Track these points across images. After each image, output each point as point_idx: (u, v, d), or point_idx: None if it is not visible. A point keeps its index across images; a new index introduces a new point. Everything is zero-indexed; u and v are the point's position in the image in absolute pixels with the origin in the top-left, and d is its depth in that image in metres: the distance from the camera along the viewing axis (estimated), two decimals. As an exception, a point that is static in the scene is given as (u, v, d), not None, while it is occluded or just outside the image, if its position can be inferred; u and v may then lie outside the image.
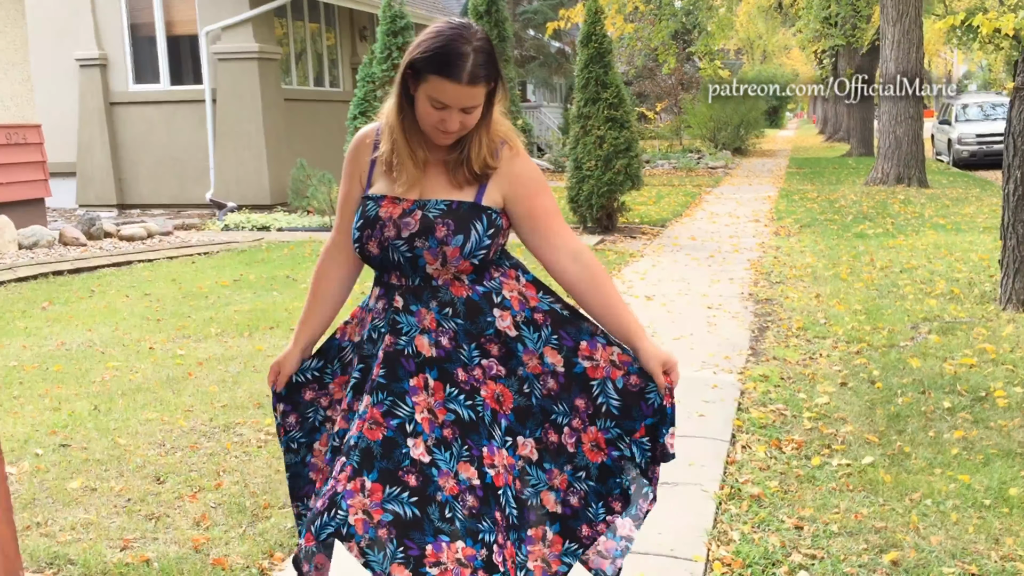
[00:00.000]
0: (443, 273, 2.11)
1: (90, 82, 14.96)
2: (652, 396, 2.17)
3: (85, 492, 3.80)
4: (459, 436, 2.08)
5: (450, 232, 2.07)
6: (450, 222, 2.07)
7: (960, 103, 24.71)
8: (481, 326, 2.13)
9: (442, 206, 2.09)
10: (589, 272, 2.18)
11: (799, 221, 12.44)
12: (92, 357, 5.97)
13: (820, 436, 4.42)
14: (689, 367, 5.61)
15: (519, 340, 2.15)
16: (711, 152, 26.28)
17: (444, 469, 2.05)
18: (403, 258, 2.10)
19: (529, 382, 2.16)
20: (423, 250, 2.07)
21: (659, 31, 22.90)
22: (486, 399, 2.11)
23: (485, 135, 2.13)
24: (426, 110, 2.05)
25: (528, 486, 2.15)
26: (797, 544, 3.30)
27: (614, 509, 2.18)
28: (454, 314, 2.12)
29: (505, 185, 2.15)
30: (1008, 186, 6.95)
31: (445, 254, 2.07)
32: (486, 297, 2.14)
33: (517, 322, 2.16)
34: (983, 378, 5.18)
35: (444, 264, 2.08)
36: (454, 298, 2.12)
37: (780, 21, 37.87)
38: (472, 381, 2.11)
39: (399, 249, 2.10)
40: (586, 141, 11.20)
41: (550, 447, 2.17)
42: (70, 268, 9.39)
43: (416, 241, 2.08)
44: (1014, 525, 3.43)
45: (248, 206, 14.36)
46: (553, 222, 2.19)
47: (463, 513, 2.03)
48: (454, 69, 1.98)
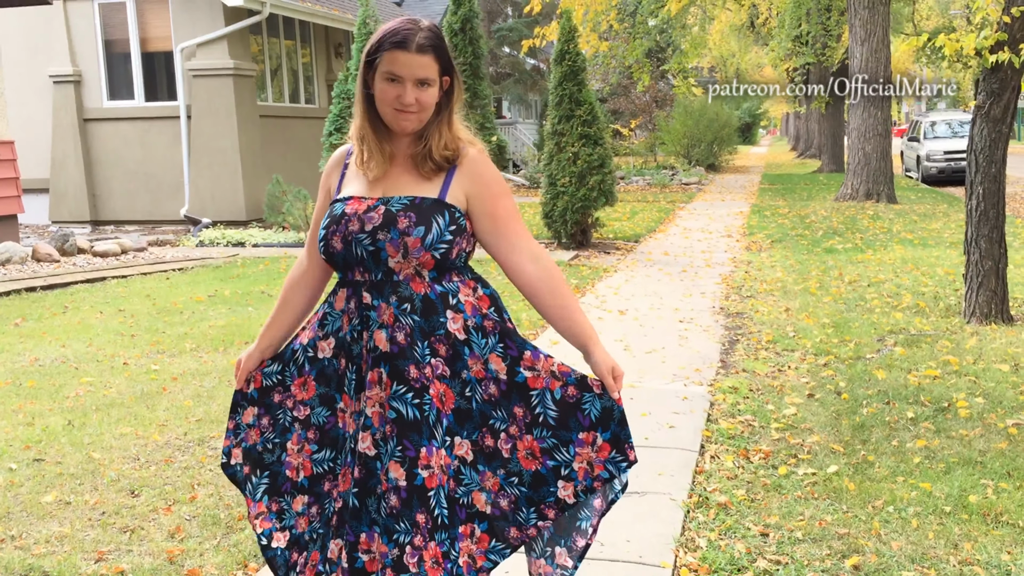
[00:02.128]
0: (405, 267, 2.17)
1: (64, 98, 14.93)
2: (588, 407, 2.23)
3: (59, 506, 3.82)
4: (395, 435, 2.16)
5: (412, 224, 2.15)
6: (412, 215, 2.16)
7: (928, 120, 25.12)
8: (434, 325, 2.19)
9: (405, 200, 2.19)
10: (548, 273, 2.27)
11: (770, 236, 12.61)
12: (66, 373, 5.97)
13: (787, 446, 4.51)
14: (660, 379, 5.70)
15: (467, 344, 2.21)
16: (685, 168, 26.53)
17: (383, 465, 2.15)
18: (366, 252, 2.17)
19: (471, 385, 2.22)
20: (385, 242, 2.14)
21: (633, 49, 23.13)
22: (433, 398, 2.18)
23: (446, 129, 2.23)
24: (383, 90, 2.16)
25: (461, 485, 2.22)
26: (763, 550, 3.38)
27: (547, 516, 2.23)
28: (412, 310, 2.18)
29: (468, 184, 2.23)
30: (971, 202, 7.12)
31: (407, 245, 2.14)
32: (442, 297, 2.20)
33: (467, 326, 2.22)
34: (946, 389, 5.30)
35: (406, 256, 2.15)
36: (413, 294, 2.18)
37: (752, 40, 38.25)
38: (422, 379, 2.17)
39: (362, 243, 2.17)
40: (560, 158, 11.32)
41: (485, 450, 2.23)
42: (43, 284, 9.36)
43: (379, 234, 2.15)
44: (973, 531, 3.52)
45: (223, 222, 14.36)
46: (514, 224, 2.28)
47: (385, 511, 2.14)
48: (403, 40, 2.14)
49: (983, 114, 6.98)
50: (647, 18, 24.44)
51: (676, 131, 28.70)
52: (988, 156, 6.99)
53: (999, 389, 5.27)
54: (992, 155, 6.97)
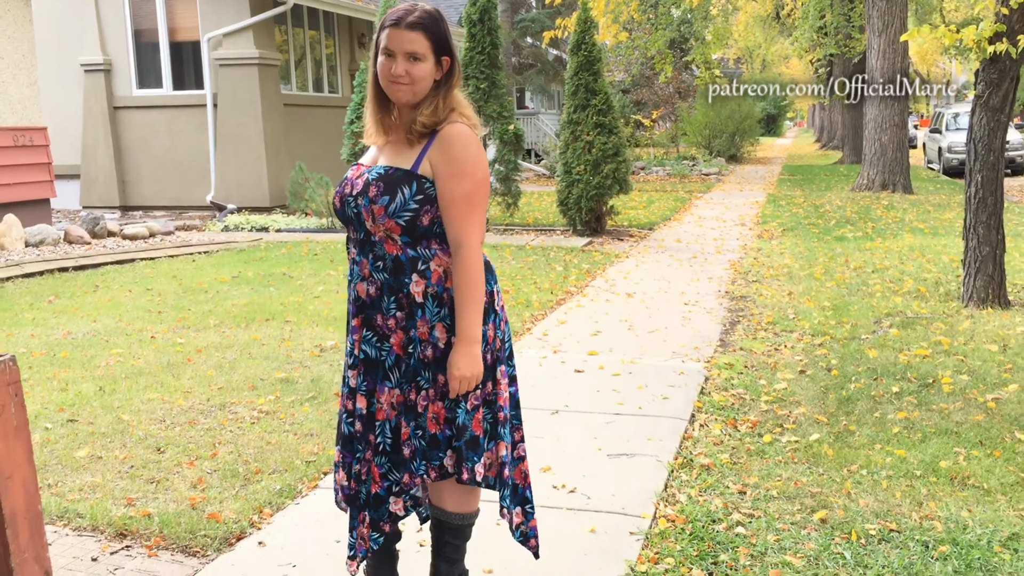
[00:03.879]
0: (377, 230, 2.46)
1: (95, 86, 15.33)
2: (459, 411, 2.49)
3: (92, 460, 4.14)
4: (362, 371, 2.53)
5: (379, 193, 2.42)
6: (381, 184, 2.43)
7: (951, 112, 25.07)
8: (399, 284, 2.48)
9: (380, 171, 2.46)
10: (459, 267, 2.42)
11: (783, 225, 12.79)
12: (97, 345, 6.31)
13: (774, 417, 4.75)
14: (660, 356, 5.95)
15: (421, 307, 2.47)
16: (705, 159, 26.67)
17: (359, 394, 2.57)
18: (352, 213, 2.49)
19: (414, 344, 2.48)
20: (360, 208, 2.46)
21: (655, 40, 23.26)
22: (393, 345, 2.51)
23: (440, 103, 2.48)
24: (381, 65, 2.45)
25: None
26: (738, 506, 3.64)
27: (430, 474, 2.51)
28: (383, 268, 2.48)
29: (435, 155, 2.44)
30: (970, 189, 7.30)
31: (374, 212, 2.43)
32: (412, 261, 2.46)
33: (426, 292, 2.46)
34: (933, 367, 5.52)
35: (374, 221, 2.44)
36: (385, 254, 2.47)
37: (778, 31, 38.19)
38: (385, 328, 2.51)
39: (350, 205, 2.50)
40: (576, 146, 11.56)
41: (408, 402, 2.52)
42: (75, 265, 9.73)
43: (358, 199, 2.47)
44: (939, 492, 3.76)
45: (247, 208, 14.72)
46: (454, 208, 2.42)
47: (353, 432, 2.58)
48: (397, 19, 2.42)
49: (982, 103, 7.16)
50: (669, 8, 24.56)
51: (698, 122, 28.83)
52: (987, 145, 7.16)
53: (985, 367, 5.48)
54: (991, 144, 7.15)
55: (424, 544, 3.23)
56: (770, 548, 3.26)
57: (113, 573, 3.08)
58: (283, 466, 4.04)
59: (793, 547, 3.27)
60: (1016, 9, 6.72)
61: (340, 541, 3.30)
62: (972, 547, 3.24)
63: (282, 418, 4.70)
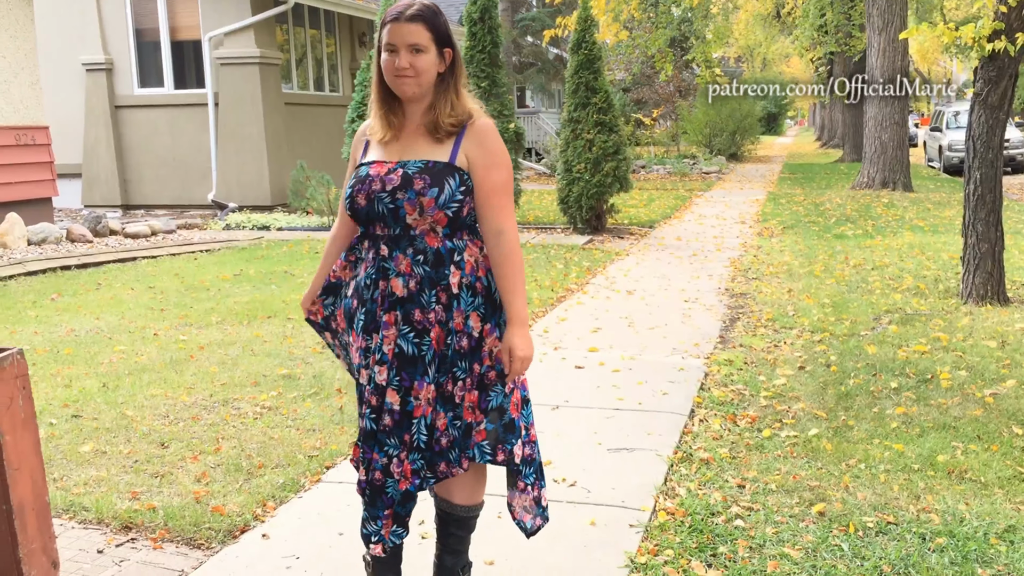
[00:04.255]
0: (421, 223, 2.47)
1: (96, 86, 15.36)
2: (494, 395, 2.53)
3: (96, 455, 4.18)
4: (396, 367, 2.49)
5: (427, 185, 2.43)
6: (427, 177, 2.44)
7: (952, 111, 25.08)
8: (440, 276, 2.49)
9: (420, 164, 2.47)
10: (504, 252, 2.49)
11: (783, 223, 12.82)
12: (100, 342, 6.35)
13: (773, 412, 4.78)
14: (660, 353, 5.98)
15: (457, 298, 2.50)
16: (706, 158, 26.69)
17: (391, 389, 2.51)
18: (386, 209, 2.46)
19: (452, 335, 2.50)
20: (403, 201, 2.44)
21: (655, 39, 23.28)
22: (432, 340, 2.49)
23: (453, 97, 2.52)
24: (385, 62, 2.47)
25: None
26: (737, 499, 3.67)
27: (462, 466, 2.54)
28: (424, 261, 2.48)
29: (471, 148, 2.50)
30: (968, 187, 7.33)
31: (422, 204, 2.43)
32: (450, 252, 2.49)
33: (461, 283, 2.50)
34: (932, 363, 5.55)
35: (422, 214, 2.45)
36: (427, 247, 2.48)
37: (779, 29, 38.20)
38: (425, 322, 2.49)
39: (383, 201, 2.46)
40: (576, 145, 11.59)
41: (445, 393, 2.53)
42: (77, 263, 9.77)
43: (398, 193, 2.45)
44: (936, 485, 3.80)
45: (249, 207, 14.75)
46: (496, 198, 2.51)
47: (380, 428, 2.52)
48: (396, 14, 2.45)
49: (981, 101, 7.19)
50: (670, 7, 24.59)
51: (698, 121, 28.85)
52: (985, 142, 7.20)
53: (983, 363, 5.52)
54: (989, 141, 7.18)
55: (427, 536, 3.26)
56: (768, 540, 3.29)
57: (119, 565, 3.12)
58: (286, 460, 4.07)
59: (791, 539, 3.30)
60: (1014, 7, 6.74)
61: (343, 534, 3.34)
62: (968, 539, 3.27)
63: (284, 413, 4.74)
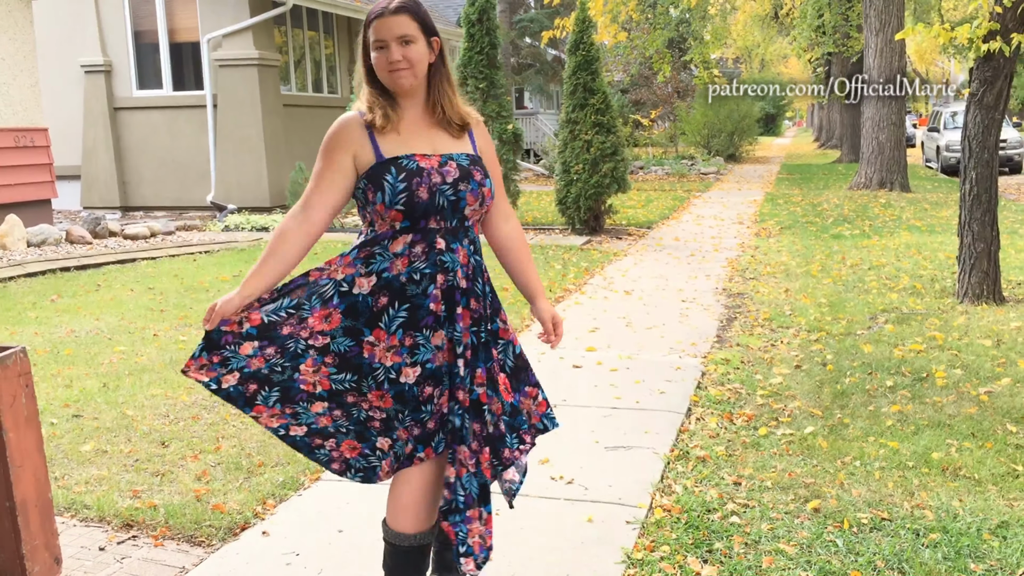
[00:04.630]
0: (476, 213, 2.50)
1: (95, 87, 15.40)
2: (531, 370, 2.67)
3: (97, 454, 4.21)
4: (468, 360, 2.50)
5: (484, 176, 2.51)
6: (479, 168, 2.51)
7: (949, 111, 25.13)
8: (481, 264, 2.56)
9: (465, 156, 2.51)
10: (516, 232, 2.68)
11: (781, 223, 12.86)
12: (100, 343, 6.38)
13: (770, 410, 4.82)
14: (657, 352, 6.02)
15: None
16: (704, 158, 26.74)
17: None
18: (447, 201, 2.42)
19: (484, 320, 2.55)
20: (466, 192, 2.45)
21: (653, 40, 23.33)
22: (487, 328, 2.55)
23: (448, 87, 2.53)
24: (376, 60, 2.44)
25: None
26: (733, 496, 3.70)
27: (525, 440, 2.61)
28: (475, 251, 2.52)
29: (482, 143, 2.60)
30: (964, 186, 7.37)
31: (483, 194, 2.49)
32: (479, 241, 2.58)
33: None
34: (928, 361, 5.59)
35: (482, 204, 2.49)
36: (475, 237, 2.54)
37: (776, 30, 38.26)
38: (481, 310, 2.52)
39: (445, 193, 2.42)
40: (574, 145, 11.63)
41: (493, 380, 2.55)
42: (77, 264, 9.80)
43: (460, 185, 2.44)
44: (930, 482, 3.83)
45: (248, 208, 14.79)
46: (501, 186, 2.65)
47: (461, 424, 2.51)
48: (380, 11, 2.43)
49: (976, 101, 7.23)
50: (668, 8, 24.64)
51: (696, 121, 28.90)
52: (981, 142, 7.23)
53: (978, 362, 5.55)
54: (985, 141, 7.22)
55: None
56: (764, 536, 3.32)
57: (120, 562, 3.15)
58: (285, 459, 4.10)
59: (787, 535, 3.33)
60: (1010, 7, 6.78)
61: (343, 531, 3.37)
62: (962, 535, 3.30)
63: (284, 413, 4.76)
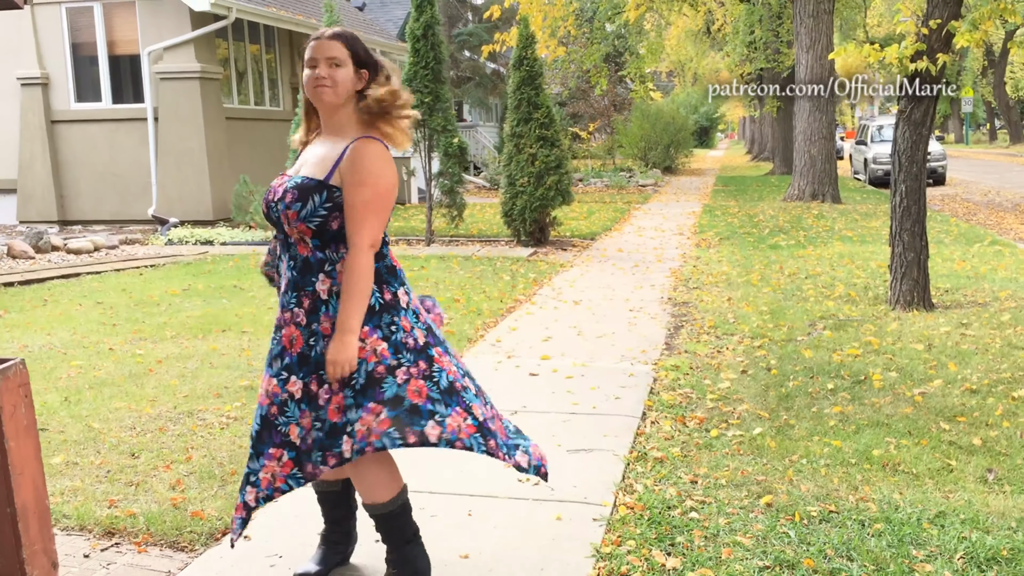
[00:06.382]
0: (292, 233, 2.78)
1: (31, 100, 15.17)
2: (387, 387, 2.71)
3: (68, 466, 4.26)
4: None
5: (293, 200, 2.75)
6: (296, 192, 2.75)
7: (875, 124, 26.00)
8: (305, 282, 2.77)
9: (297, 180, 2.78)
10: (347, 265, 2.69)
11: (719, 234, 13.24)
12: (55, 357, 6.37)
13: (720, 413, 5.05)
14: (610, 360, 6.23)
15: (326, 304, 2.75)
16: (642, 171, 27.21)
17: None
18: (275, 216, 2.81)
19: (317, 337, 2.74)
20: (278, 212, 2.79)
21: (591, 54, 23.73)
22: (283, 337, 2.79)
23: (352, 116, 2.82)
24: (306, 77, 2.79)
25: (283, 415, 2.77)
26: (691, 494, 3.91)
27: (327, 462, 2.71)
28: (294, 266, 2.80)
29: (344, 168, 2.74)
30: (895, 199, 7.74)
31: (288, 216, 2.75)
32: (320, 263, 2.76)
33: (331, 290, 2.75)
34: (864, 365, 5.89)
35: (289, 224, 2.76)
36: (297, 254, 2.79)
37: (709, 44, 39.08)
38: (282, 321, 2.80)
39: (273, 209, 2.81)
40: (519, 159, 11.85)
41: (309, 393, 2.75)
42: (20, 280, 9.69)
43: (278, 205, 2.79)
44: (872, 477, 4.09)
45: (191, 221, 14.70)
46: (353, 213, 2.71)
47: None
48: (317, 35, 2.83)
49: (905, 118, 7.61)
50: (604, 23, 25.08)
51: (633, 134, 29.41)
52: (910, 156, 7.61)
53: (912, 365, 5.87)
54: (913, 155, 7.60)
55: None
56: (722, 530, 3.53)
57: (107, 568, 3.23)
58: (257, 467, 4.19)
59: (743, 528, 3.55)
60: (935, 30, 7.17)
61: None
62: (903, 524, 3.55)
63: (250, 423, 4.85)
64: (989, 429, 4.66)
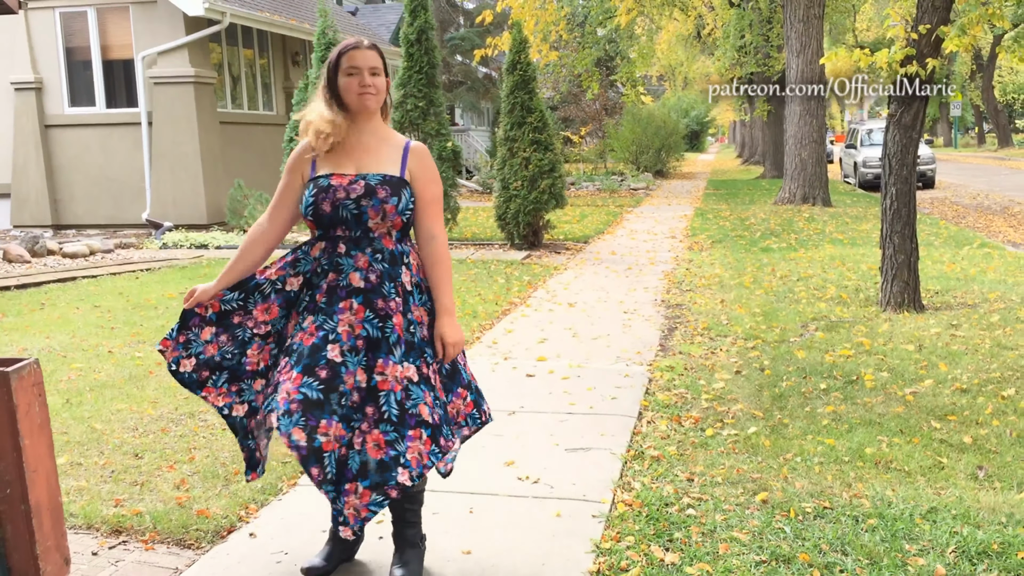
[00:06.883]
0: (380, 227, 2.92)
1: (25, 105, 15.20)
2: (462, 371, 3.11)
3: (72, 466, 4.31)
4: (364, 349, 2.88)
5: (388, 195, 2.91)
6: (387, 188, 2.92)
7: (865, 128, 26.16)
8: (396, 273, 2.95)
9: (379, 176, 2.95)
10: (436, 254, 3.00)
11: (711, 237, 13.33)
12: (55, 360, 6.41)
13: (714, 413, 5.13)
14: (605, 361, 6.30)
15: (411, 294, 2.97)
16: (633, 174, 27.32)
17: (350, 370, 2.86)
18: (350, 214, 2.90)
19: (414, 325, 2.95)
20: (368, 207, 2.90)
21: (582, 58, 23.85)
22: (395, 325, 2.90)
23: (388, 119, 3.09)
24: (347, 83, 2.94)
25: (409, 399, 2.88)
26: (687, 491, 3.98)
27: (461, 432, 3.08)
28: (383, 259, 2.94)
29: (414, 165, 3.01)
30: (885, 201, 7.84)
31: (385, 211, 2.90)
32: (401, 255, 2.98)
33: (412, 281, 2.98)
34: (856, 365, 5.97)
35: (383, 219, 2.91)
36: (384, 247, 2.95)
37: (699, 49, 39.25)
38: (387, 309, 2.91)
39: (348, 207, 2.90)
40: (513, 163, 11.92)
41: (423, 375, 2.93)
42: (17, 284, 9.72)
43: (361, 201, 2.90)
44: (865, 474, 4.17)
45: (185, 225, 14.73)
46: (430, 208, 3.02)
47: (348, 404, 2.84)
48: (356, 44, 2.99)
49: (895, 122, 7.71)
50: (596, 28, 25.20)
51: (625, 138, 29.52)
52: (900, 160, 7.71)
53: (903, 365, 5.96)
54: (904, 159, 7.70)
55: (383, 537, 3.48)
56: (719, 526, 3.61)
57: (115, 565, 3.28)
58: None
59: (739, 524, 3.62)
60: (924, 34, 7.28)
61: (326, 531, 3.54)
62: (896, 520, 3.63)
63: (252, 424, 4.90)
64: (979, 427, 4.74)
